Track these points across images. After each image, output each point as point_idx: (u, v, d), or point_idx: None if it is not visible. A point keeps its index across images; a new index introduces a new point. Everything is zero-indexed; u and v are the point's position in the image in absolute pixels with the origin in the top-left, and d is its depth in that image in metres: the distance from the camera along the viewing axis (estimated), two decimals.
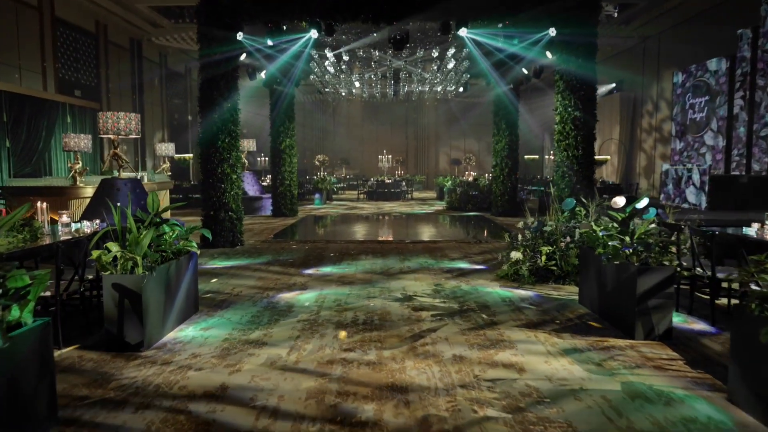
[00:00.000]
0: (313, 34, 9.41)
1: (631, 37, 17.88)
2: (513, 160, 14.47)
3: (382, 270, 7.25)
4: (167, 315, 4.46)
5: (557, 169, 9.41)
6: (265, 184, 18.45)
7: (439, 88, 15.51)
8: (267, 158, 18.94)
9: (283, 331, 4.58)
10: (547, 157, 25.02)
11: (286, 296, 5.79)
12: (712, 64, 14.23)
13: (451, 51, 11.19)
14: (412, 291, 6.00)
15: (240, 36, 9.38)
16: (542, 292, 5.93)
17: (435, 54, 11.25)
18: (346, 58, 11.69)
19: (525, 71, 13.05)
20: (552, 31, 9.36)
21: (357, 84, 15.45)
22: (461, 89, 15.87)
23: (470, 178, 20.63)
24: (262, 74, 13.11)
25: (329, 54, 11.49)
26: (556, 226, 6.55)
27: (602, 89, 19.39)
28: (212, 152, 9.14)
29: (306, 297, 5.75)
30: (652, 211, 5.38)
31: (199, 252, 4.87)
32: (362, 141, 28.46)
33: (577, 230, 6.39)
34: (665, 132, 17.21)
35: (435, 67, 12.44)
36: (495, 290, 6.04)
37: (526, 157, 24.24)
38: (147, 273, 4.06)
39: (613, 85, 20.28)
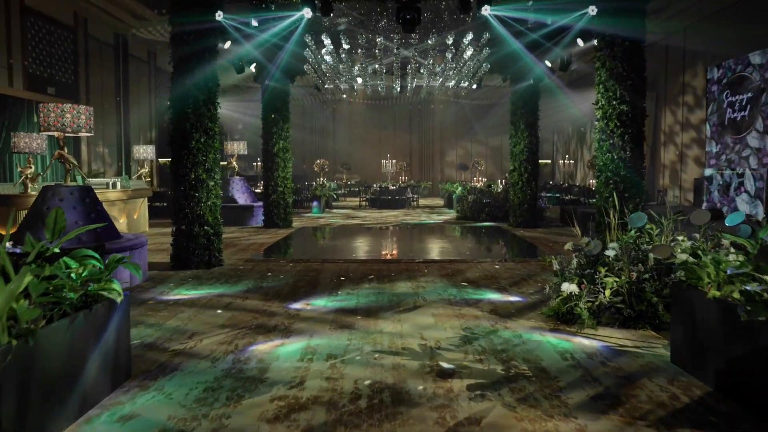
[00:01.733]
0: (307, 13, 7.86)
1: (654, 32, 16.34)
2: (533, 164, 12.93)
3: (391, 303, 5.66)
4: (61, 401, 2.87)
5: (599, 174, 7.83)
6: (259, 191, 16.90)
7: (451, 83, 13.92)
8: None
9: (245, 422, 3.00)
10: (561, 161, 23.44)
11: (261, 350, 4.20)
12: (756, 56, 12.67)
13: (468, 37, 9.63)
14: (433, 339, 4.42)
15: (220, 16, 7.87)
16: (612, 342, 4.34)
17: (449, 41, 9.68)
18: (346, 46, 10.12)
19: (548, 63, 11.51)
20: (592, 9, 7.81)
21: (359, 80, 13.88)
22: (474, 86, 14.30)
23: (479, 185, 19.10)
24: (252, 68, 11.58)
25: (326, 41, 9.93)
26: (620, 249, 4.97)
27: None
28: (184, 154, 7.58)
29: (288, 351, 4.16)
30: (744, 228, 3.87)
31: (120, 297, 3.28)
32: (364, 144, 26.91)
33: (650, 255, 4.81)
34: (695, 133, 15.64)
35: (449, 56, 10.84)
36: (546, 338, 4.45)
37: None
38: (15, 342, 2.48)
39: None
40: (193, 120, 7.55)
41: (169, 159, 7.74)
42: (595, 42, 8.81)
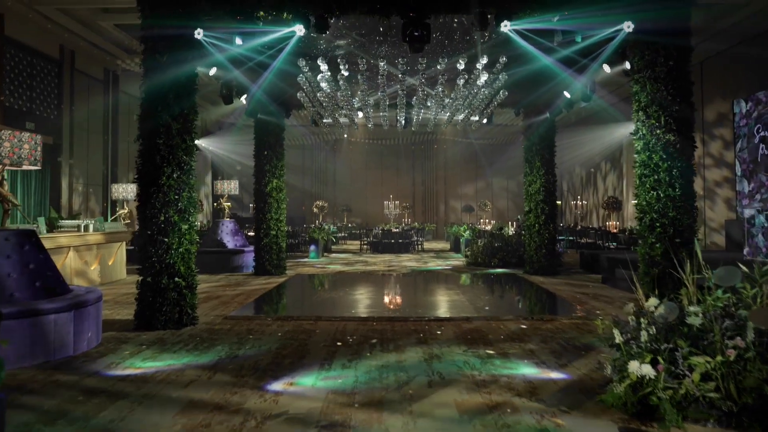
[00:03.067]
0: (299, 30, 6.84)
1: None
2: (550, 205, 11.79)
3: (398, 382, 4.37)
4: None
5: (641, 215, 6.64)
6: (253, 233, 15.73)
7: (461, 117, 12.89)
8: None
9: None
10: (573, 202, 22.33)
11: None
12: None
13: (483, 60, 8.61)
14: None
15: (199, 34, 6.84)
16: None
17: (461, 66, 8.66)
18: (345, 72, 9.10)
19: (567, 95, 10.48)
20: (628, 26, 6.77)
21: (360, 113, 12.87)
22: (485, 121, 13.28)
23: (486, 227, 17.96)
24: (243, 99, 10.56)
25: (323, 66, 8.91)
26: (708, 316, 3.72)
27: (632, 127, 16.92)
28: (153, 192, 6.43)
29: None
30: None
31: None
32: (366, 184, 25.90)
33: (749, 325, 3.56)
34: (724, 170, 14.54)
35: (461, 83, 9.81)
36: None
37: None
38: None
39: None
40: (165, 152, 6.43)
41: None
42: (627, 65, 7.82)
